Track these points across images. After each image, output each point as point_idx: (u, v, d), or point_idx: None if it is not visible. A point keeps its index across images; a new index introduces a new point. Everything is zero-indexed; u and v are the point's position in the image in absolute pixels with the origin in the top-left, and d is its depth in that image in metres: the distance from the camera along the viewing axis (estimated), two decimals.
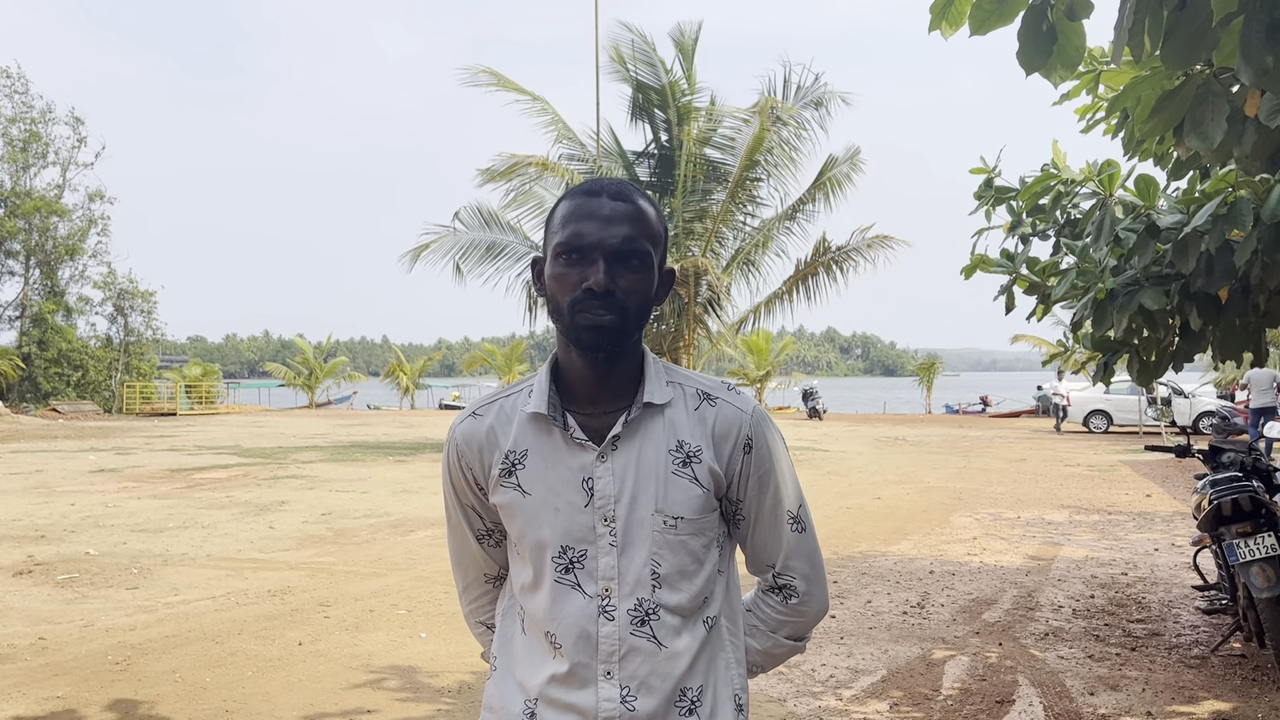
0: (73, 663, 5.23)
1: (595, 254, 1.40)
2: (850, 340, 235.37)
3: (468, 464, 1.55)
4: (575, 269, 1.41)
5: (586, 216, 1.42)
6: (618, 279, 1.40)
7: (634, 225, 1.41)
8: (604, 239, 1.40)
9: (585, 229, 1.41)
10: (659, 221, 1.48)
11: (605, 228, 1.40)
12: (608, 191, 1.44)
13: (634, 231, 1.41)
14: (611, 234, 1.40)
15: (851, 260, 18.98)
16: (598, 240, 1.40)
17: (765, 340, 44.50)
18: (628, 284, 1.41)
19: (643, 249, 1.42)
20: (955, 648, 5.64)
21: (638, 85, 19.05)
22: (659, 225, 1.47)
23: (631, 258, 1.41)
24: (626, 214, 1.42)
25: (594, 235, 1.40)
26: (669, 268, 1.52)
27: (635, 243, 1.41)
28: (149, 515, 10.63)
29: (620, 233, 1.40)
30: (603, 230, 1.40)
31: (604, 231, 1.40)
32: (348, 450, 20.00)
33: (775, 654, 1.62)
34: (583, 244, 1.41)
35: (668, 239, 1.52)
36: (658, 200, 19.67)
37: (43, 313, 39.68)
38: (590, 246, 1.40)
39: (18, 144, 39.92)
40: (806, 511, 1.58)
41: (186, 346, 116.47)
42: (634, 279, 1.41)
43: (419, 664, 5.26)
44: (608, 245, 1.40)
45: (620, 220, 1.41)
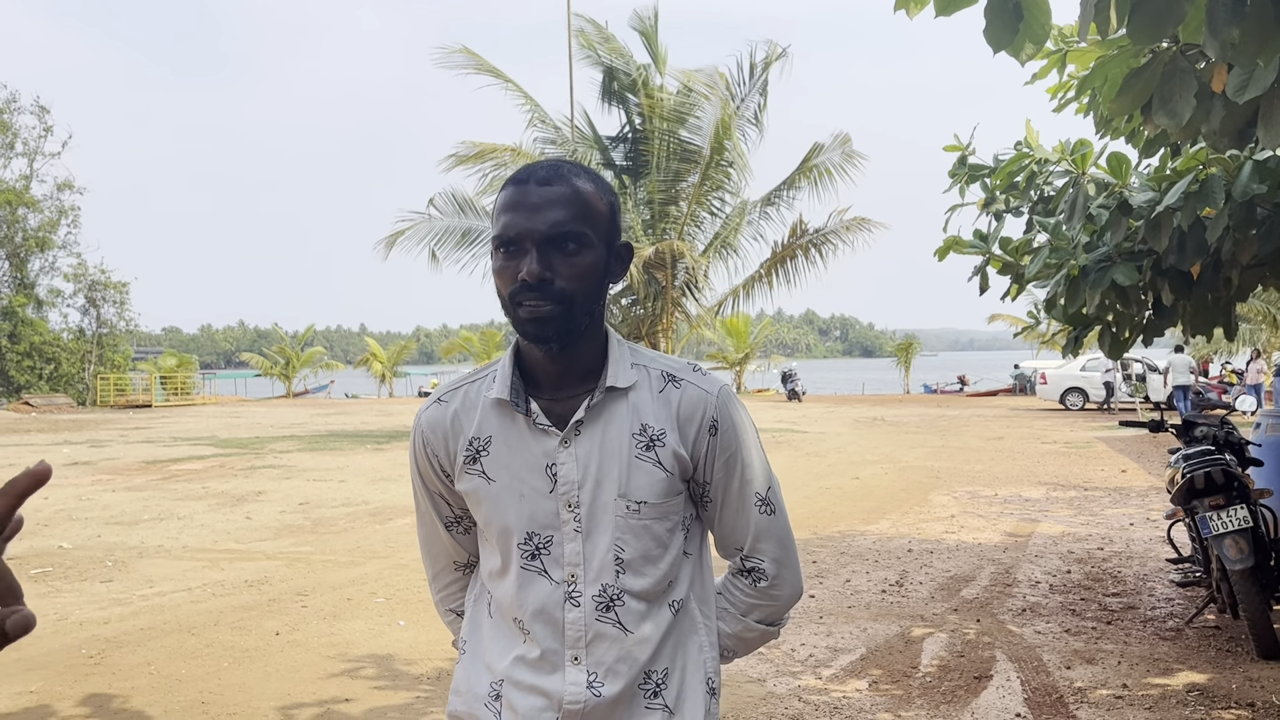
0: (46, 657, 5.18)
1: (527, 244, 1.37)
2: (829, 322, 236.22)
3: (433, 451, 1.53)
4: (512, 261, 1.39)
5: (515, 206, 1.39)
6: (555, 266, 1.37)
7: (566, 208, 1.38)
8: (533, 227, 1.37)
9: (515, 219, 1.38)
10: (602, 197, 1.44)
11: (534, 216, 1.37)
12: (535, 177, 1.40)
13: (566, 214, 1.38)
14: (540, 221, 1.37)
15: (829, 243, 18.98)
16: (528, 229, 1.37)
17: (744, 323, 44.59)
18: (567, 270, 1.38)
19: (577, 231, 1.38)
20: (934, 625, 5.67)
21: (608, 70, 18.94)
22: (602, 201, 1.44)
23: (566, 242, 1.38)
24: (557, 197, 1.38)
25: (523, 225, 1.37)
26: (624, 242, 1.49)
27: (567, 226, 1.38)
28: (124, 508, 10.54)
29: (550, 218, 1.37)
30: (531, 218, 1.37)
31: (533, 220, 1.37)
32: (325, 439, 19.90)
33: (747, 638, 1.61)
34: (514, 235, 1.38)
35: (617, 213, 1.48)
36: (631, 184, 19.61)
37: (13, 305, 39.16)
38: (522, 236, 1.38)
39: None
40: (776, 494, 1.56)
41: (161, 338, 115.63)
42: (573, 263, 1.38)
43: (397, 651, 5.25)
44: (537, 234, 1.37)
45: (550, 205, 1.38)
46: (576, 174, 1.43)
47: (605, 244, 1.44)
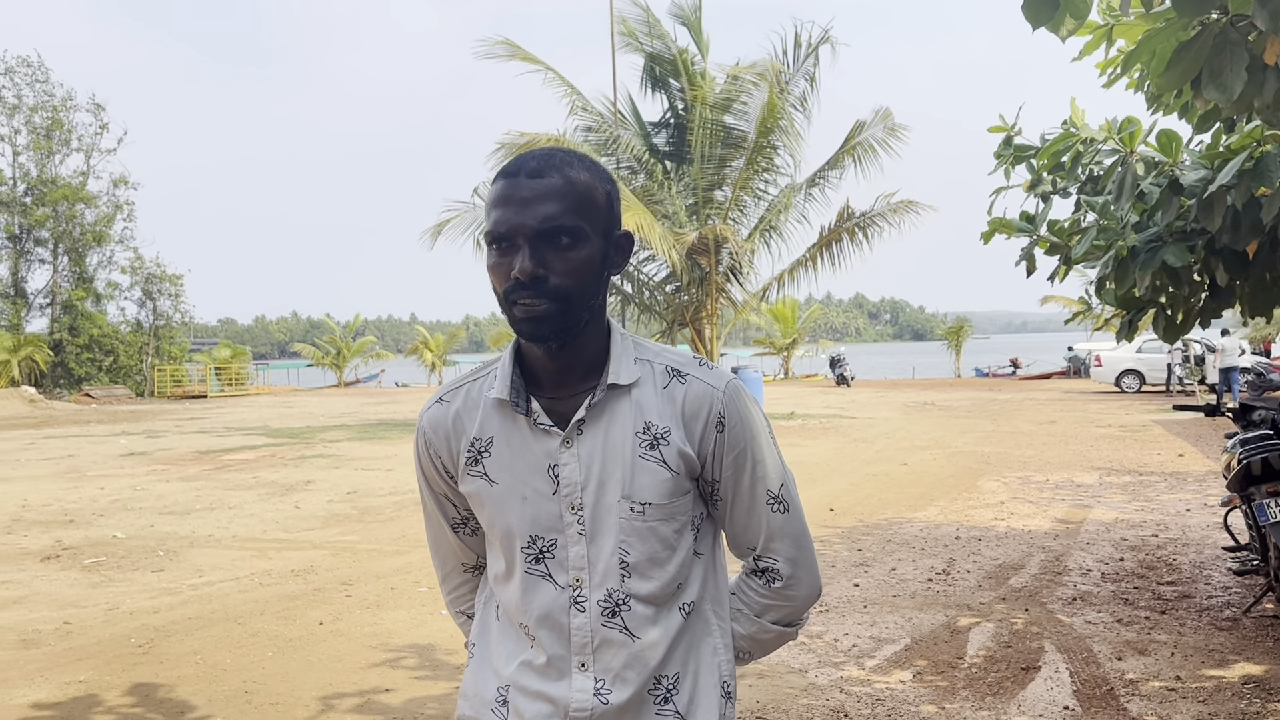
0: (96, 646, 5.28)
1: (519, 239, 1.32)
2: (879, 305, 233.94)
3: (436, 452, 1.50)
4: (505, 258, 1.34)
5: (506, 201, 1.33)
6: (549, 262, 1.32)
7: (558, 201, 1.32)
8: (523, 223, 1.31)
9: (505, 215, 1.33)
10: (597, 186, 1.38)
11: (523, 211, 1.32)
12: (526, 169, 1.34)
13: (558, 208, 1.32)
14: (531, 216, 1.31)
15: (876, 226, 18.75)
16: (518, 225, 1.32)
17: (791, 308, 44.29)
18: (561, 265, 1.32)
19: (570, 224, 1.32)
20: (980, 614, 5.57)
21: (650, 56, 18.84)
22: (597, 190, 1.38)
23: (559, 236, 1.32)
24: (548, 190, 1.32)
25: (513, 220, 1.32)
26: (624, 231, 1.44)
27: (559, 219, 1.32)
28: (176, 498, 10.73)
29: (541, 212, 1.31)
30: (521, 213, 1.32)
31: (523, 215, 1.32)
32: (374, 428, 20.11)
33: (763, 640, 1.55)
34: (505, 231, 1.33)
35: (615, 201, 1.43)
36: (675, 170, 19.49)
37: (72, 299, 40.12)
38: (513, 232, 1.32)
39: (41, 132, 40.25)
40: (790, 491, 1.49)
41: (216, 329, 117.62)
42: (567, 258, 1.33)
43: (438, 641, 5.27)
44: (528, 229, 1.31)
45: (541, 199, 1.32)
46: (570, 163, 1.37)
47: (603, 235, 1.38)
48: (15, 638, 5.47)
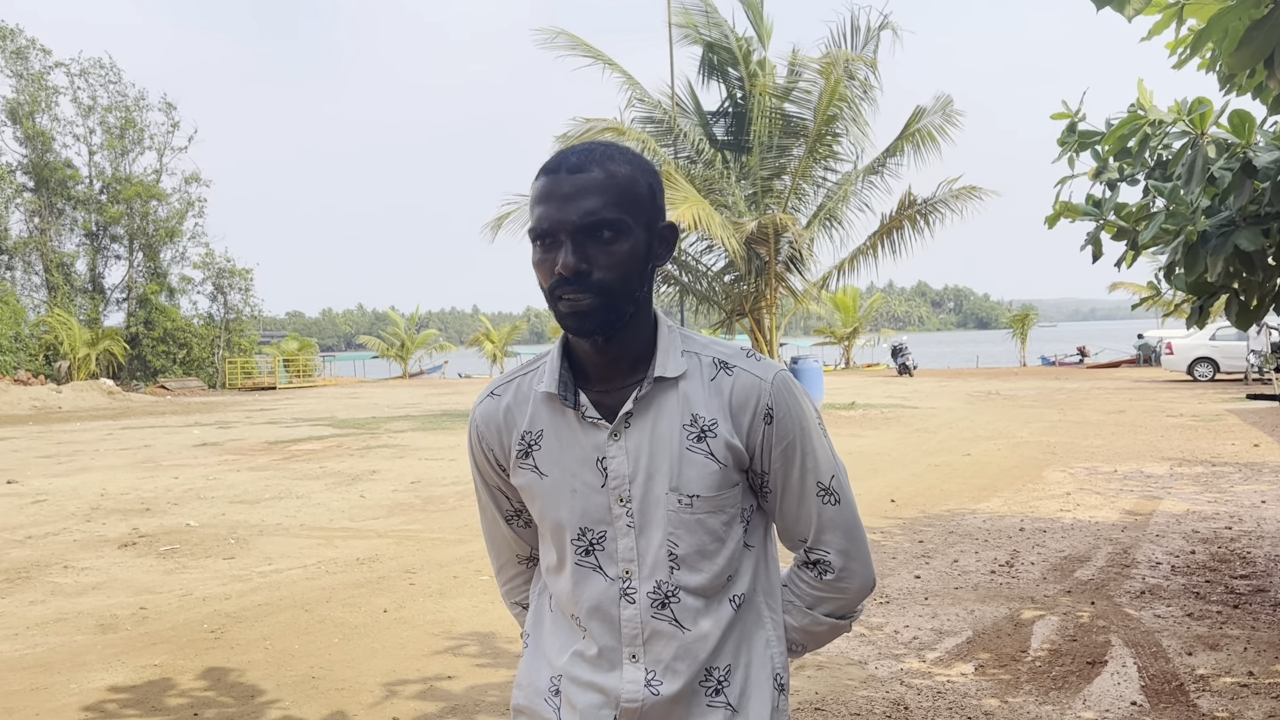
0: (170, 631, 5.44)
1: (561, 235, 1.33)
2: (942, 294, 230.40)
3: (488, 445, 1.52)
4: (549, 254, 1.35)
5: (546, 197, 1.35)
6: (591, 257, 1.33)
7: (599, 195, 1.33)
8: (565, 219, 1.32)
9: (547, 212, 1.34)
10: (639, 178, 1.39)
11: (565, 206, 1.33)
12: (566, 165, 1.35)
13: (599, 202, 1.33)
14: (572, 211, 1.32)
15: (938, 212, 18.49)
16: (560, 221, 1.33)
17: (852, 297, 43.86)
18: (605, 259, 1.33)
19: (612, 218, 1.33)
20: (1045, 607, 5.48)
21: (709, 45, 18.76)
22: (639, 183, 1.38)
23: (601, 230, 1.33)
24: (590, 185, 1.33)
25: (555, 216, 1.33)
26: (668, 222, 1.44)
27: (601, 213, 1.32)
28: (247, 487, 11.00)
29: (582, 207, 1.32)
30: (563, 209, 1.33)
31: (564, 210, 1.33)
32: (438, 419, 20.39)
33: (815, 632, 1.55)
34: (547, 228, 1.34)
35: (659, 193, 1.43)
36: (734, 159, 19.40)
37: (147, 294, 41.29)
38: (555, 228, 1.33)
39: (115, 131, 41.41)
40: (841, 482, 1.49)
41: (285, 322, 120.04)
42: (610, 252, 1.33)
43: (498, 630, 5.34)
44: (570, 224, 1.32)
45: (582, 194, 1.33)
46: (610, 157, 1.37)
47: (645, 227, 1.38)
48: (94, 622, 5.67)
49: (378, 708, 4.23)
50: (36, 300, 40.36)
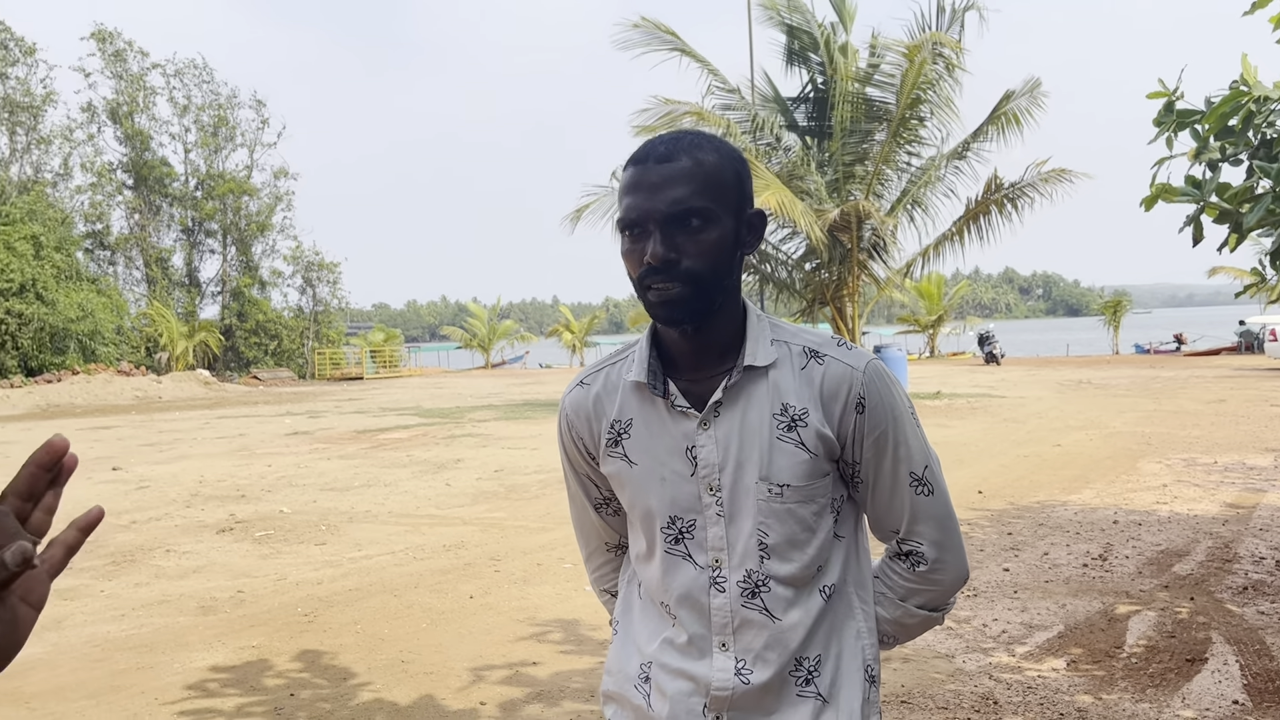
0: (266, 614, 5.62)
1: (649, 225, 1.33)
2: (1030, 280, 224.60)
3: (578, 434, 1.53)
4: (637, 244, 1.35)
5: (635, 187, 1.35)
6: (680, 246, 1.32)
7: (686, 183, 1.32)
8: (653, 208, 1.32)
9: (636, 202, 1.34)
10: (727, 166, 1.38)
11: (653, 196, 1.33)
12: (654, 155, 1.35)
13: (686, 191, 1.32)
14: (660, 200, 1.32)
15: (1026, 196, 18.02)
16: (648, 210, 1.33)
17: (937, 284, 43.05)
18: (692, 247, 1.33)
19: (700, 206, 1.32)
20: (1141, 602, 5.32)
21: (789, 30, 18.55)
22: (727, 171, 1.37)
23: (689, 218, 1.32)
24: (677, 174, 1.33)
25: (643, 206, 1.33)
26: (756, 209, 1.42)
27: (689, 202, 1.32)
28: (337, 475, 11.28)
29: (670, 196, 1.32)
30: (651, 199, 1.33)
31: (653, 200, 1.32)
32: (519, 408, 20.63)
33: (908, 624, 1.52)
34: (636, 217, 1.34)
35: (746, 180, 1.42)
36: (815, 145, 19.18)
37: (240, 287, 42.61)
38: (644, 218, 1.33)
39: (208, 129, 42.77)
40: (935, 472, 1.46)
41: (371, 313, 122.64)
42: (698, 241, 1.33)
43: (581, 617, 5.38)
44: (658, 214, 1.32)
45: (669, 183, 1.32)
46: (698, 146, 1.37)
47: (734, 215, 1.38)
48: (195, 604, 5.88)
49: (465, 692, 4.31)
50: (137, 294, 41.96)
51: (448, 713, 4.08)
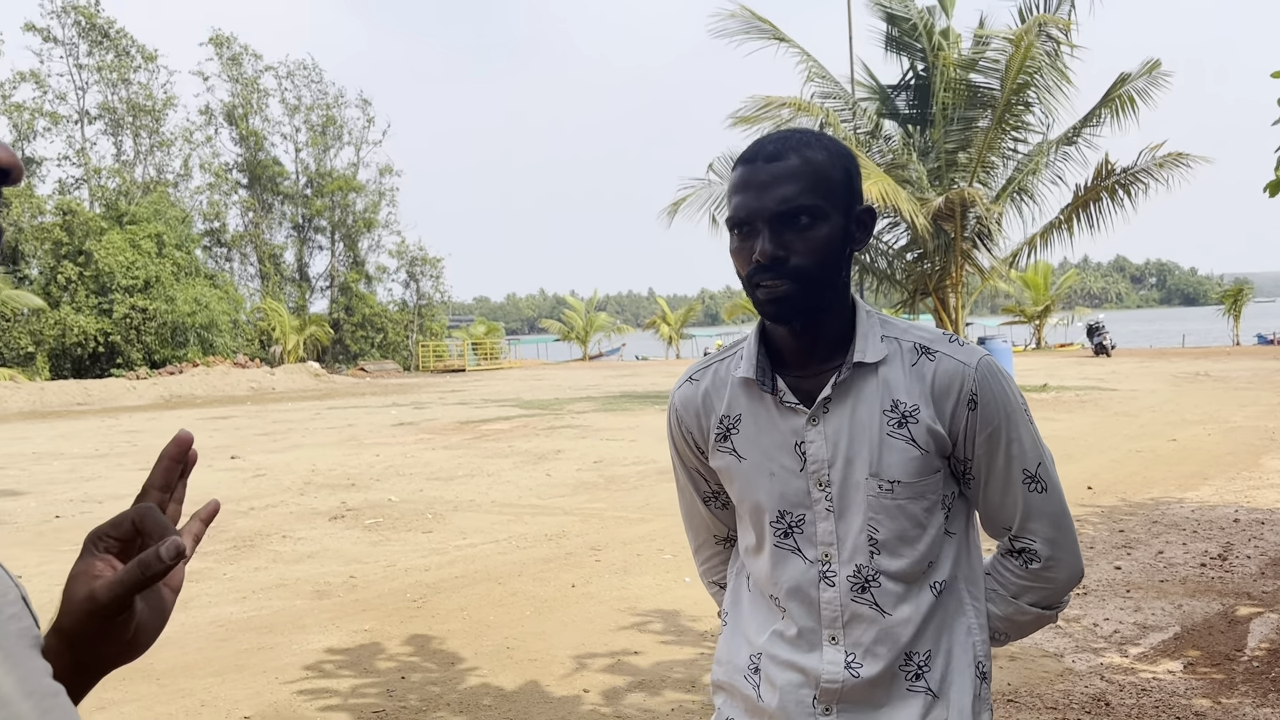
0: (377, 599, 5.82)
1: (758, 223, 1.35)
2: (1143, 269, 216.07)
3: (687, 429, 1.56)
4: (746, 242, 1.37)
5: (744, 187, 1.37)
6: (788, 243, 1.34)
7: (795, 182, 1.34)
8: (762, 207, 1.34)
9: (744, 200, 1.36)
10: (835, 164, 1.39)
11: (762, 195, 1.34)
12: (762, 154, 1.37)
13: (795, 189, 1.34)
14: (769, 199, 1.34)
15: (1139, 182, 17.34)
16: (757, 209, 1.35)
17: (1044, 273, 41.84)
18: (801, 245, 1.34)
19: (809, 204, 1.34)
20: (1264, 604, 5.11)
21: (889, 17, 18.22)
22: (836, 169, 1.38)
23: (798, 216, 1.34)
24: (785, 172, 1.34)
25: (752, 205, 1.35)
26: (865, 206, 1.43)
27: (797, 200, 1.33)
28: (441, 464, 11.57)
29: (778, 194, 1.34)
30: (760, 198, 1.35)
31: (761, 199, 1.34)
32: (618, 400, 20.79)
33: (1020, 621, 1.52)
34: (745, 216, 1.36)
35: (856, 177, 1.42)
36: (916, 133, 18.82)
37: (348, 282, 43.92)
38: (752, 216, 1.35)
39: (318, 129, 44.14)
40: (1048, 470, 1.45)
41: (472, 307, 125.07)
42: (807, 238, 1.34)
43: (682, 608, 5.43)
44: (767, 212, 1.34)
45: (778, 181, 1.34)
46: (807, 144, 1.38)
47: (843, 212, 1.39)
48: (310, 589, 6.12)
49: (568, 679, 4.40)
50: (251, 289, 43.63)
51: (552, 699, 4.18)
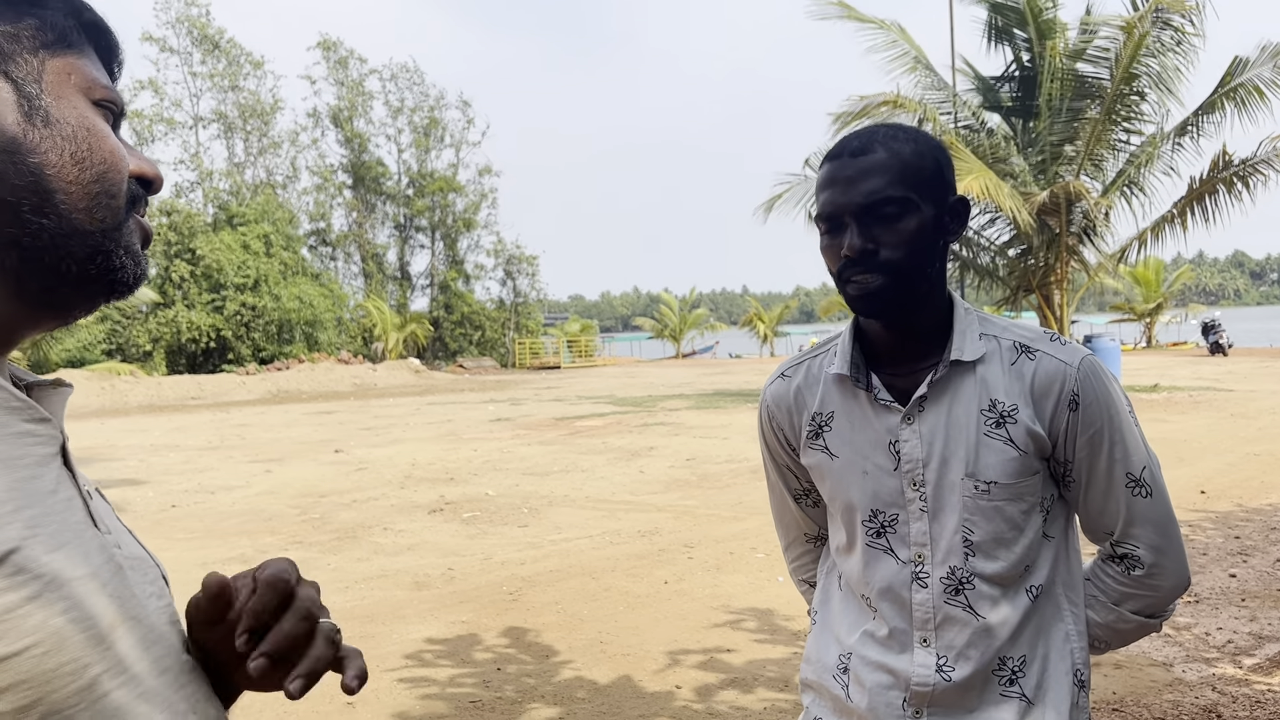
0: (474, 591, 5.94)
1: (846, 218, 1.35)
2: (1264, 264, 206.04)
3: (778, 425, 1.56)
4: (835, 238, 1.37)
5: (831, 183, 1.37)
6: (877, 236, 1.33)
7: (881, 174, 1.33)
8: (849, 201, 1.34)
9: (831, 196, 1.36)
10: (924, 155, 1.37)
11: (849, 189, 1.34)
12: (848, 149, 1.37)
13: (881, 182, 1.33)
14: (856, 193, 1.34)
15: (1259, 174, 16.52)
16: (844, 204, 1.35)
17: (1155, 269, 40.33)
18: (891, 238, 1.33)
19: (897, 195, 1.33)
20: None
21: (993, 6, 17.75)
22: (925, 159, 1.37)
23: (885, 208, 1.33)
24: (871, 166, 1.34)
25: (840, 200, 1.35)
26: (959, 196, 1.41)
27: (885, 191, 1.33)
28: (537, 460, 11.73)
29: (865, 189, 1.33)
30: (847, 192, 1.34)
31: (848, 194, 1.34)
32: (710, 398, 20.76)
33: (1121, 629, 1.48)
34: (832, 212, 1.36)
35: (947, 168, 1.40)
36: (1020, 126, 18.32)
37: (447, 280, 44.81)
38: (840, 211, 1.35)
39: (420, 130, 45.12)
40: (1154, 473, 1.41)
41: (567, 305, 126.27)
42: (897, 230, 1.33)
43: (775, 607, 5.41)
44: (854, 206, 1.34)
45: (865, 175, 1.34)
46: (894, 137, 1.38)
47: (934, 203, 1.37)
48: (410, 580, 6.28)
49: (661, 675, 4.42)
50: (354, 288, 44.85)
51: (645, 694, 4.21)
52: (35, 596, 0.64)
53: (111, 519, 0.80)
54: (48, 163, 0.73)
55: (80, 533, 0.71)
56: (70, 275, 0.75)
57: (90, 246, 0.75)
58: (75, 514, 0.72)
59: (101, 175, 0.76)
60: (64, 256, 0.74)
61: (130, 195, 0.79)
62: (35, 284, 0.74)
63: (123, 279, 0.78)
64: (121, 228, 0.78)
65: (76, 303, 0.78)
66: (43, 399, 0.76)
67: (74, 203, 0.74)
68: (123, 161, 0.78)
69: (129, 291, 0.80)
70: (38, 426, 0.73)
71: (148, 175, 0.81)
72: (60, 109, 0.75)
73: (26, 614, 0.63)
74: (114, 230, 0.77)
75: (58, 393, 0.79)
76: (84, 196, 0.74)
